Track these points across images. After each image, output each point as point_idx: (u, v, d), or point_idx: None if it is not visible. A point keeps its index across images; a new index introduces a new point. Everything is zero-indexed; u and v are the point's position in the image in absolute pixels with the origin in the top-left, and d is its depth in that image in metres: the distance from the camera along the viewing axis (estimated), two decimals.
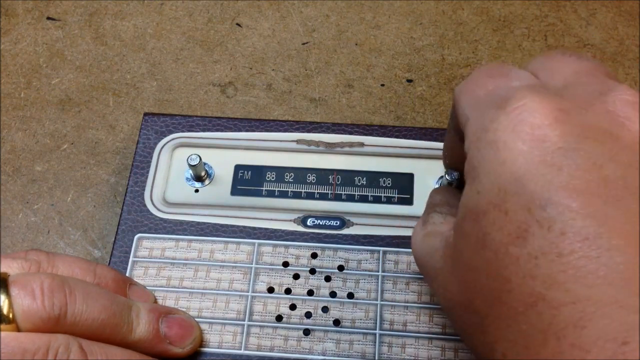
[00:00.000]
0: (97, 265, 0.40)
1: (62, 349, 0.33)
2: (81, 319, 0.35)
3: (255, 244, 0.44)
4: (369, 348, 0.41)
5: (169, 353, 0.39)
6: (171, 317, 0.40)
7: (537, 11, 0.58)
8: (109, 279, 0.40)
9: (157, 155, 0.47)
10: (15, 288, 0.34)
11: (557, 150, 0.26)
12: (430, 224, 0.36)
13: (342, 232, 0.44)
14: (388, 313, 0.41)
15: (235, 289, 0.42)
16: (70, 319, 0.35)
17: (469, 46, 0.57)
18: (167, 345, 0.39)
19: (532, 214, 0.26)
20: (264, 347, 0.41)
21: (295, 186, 0.46)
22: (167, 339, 0.39)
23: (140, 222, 0.44)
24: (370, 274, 0.43)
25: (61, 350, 0.33)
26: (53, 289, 0.34)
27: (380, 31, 0.58)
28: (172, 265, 0.43)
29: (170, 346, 0.39)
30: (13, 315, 0.33)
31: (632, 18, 0.57)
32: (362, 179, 0.46)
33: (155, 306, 0.40)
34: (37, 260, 0.38)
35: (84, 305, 0.35)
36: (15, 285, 0.34)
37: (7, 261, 0.37)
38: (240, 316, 0.42)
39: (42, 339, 0.33)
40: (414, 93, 0.54)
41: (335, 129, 0.47)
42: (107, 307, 0.36)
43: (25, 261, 0.37)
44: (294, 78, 0.56)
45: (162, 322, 0.39)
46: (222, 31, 0.58)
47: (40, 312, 0.34)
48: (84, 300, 0.35)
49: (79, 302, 0.35)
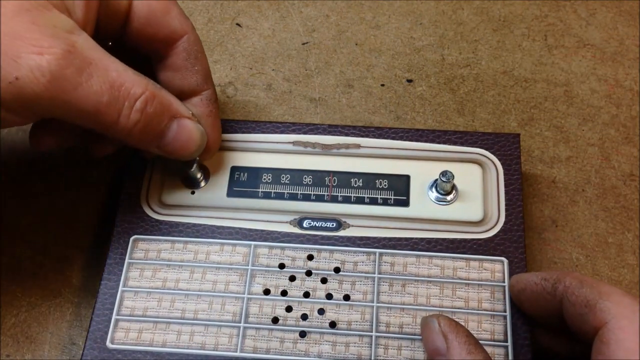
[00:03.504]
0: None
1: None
2: None
3: (251, 245, 0.44)
4: (365, 350, 0.41)
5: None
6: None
7: (537, 11, 0.58)
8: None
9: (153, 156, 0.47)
10: None
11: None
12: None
13: (339, 233, 0.44)
14: (384, 315, 0.41)
15: (231, 290, 0.42)
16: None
17: (469, 46, 0.56)
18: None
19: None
20: (259, 350, 0.41)
21: (292, 188, 0.46)
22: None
23: (136, 223, 0.44)
24: (367, 276, 0.43)
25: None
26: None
27: (380, 31, 0.58)
28: (167, 267, 0.43)
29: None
30: None
31: (632, 18, 0.57)
32: (359, 180, 0.46)
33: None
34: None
35: None
36: None
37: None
38: (236, 318, 0.42)
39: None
40: (414, 93, 0.54)
41: (332, 130, 0.47)
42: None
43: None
44: (294, 78, 0.55)
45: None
46: (222, 31, 0.58)
47: None
48: None
49: None
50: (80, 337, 0.45)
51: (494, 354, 0.40)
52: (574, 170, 0.50)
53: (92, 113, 0.38)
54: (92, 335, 0.41)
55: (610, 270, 0.46)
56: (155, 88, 0.40)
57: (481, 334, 0.40)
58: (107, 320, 0.42)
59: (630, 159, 0.50)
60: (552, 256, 0.47)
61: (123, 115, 0.39)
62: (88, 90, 0.37)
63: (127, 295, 0.42)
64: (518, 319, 0.41)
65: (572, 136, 0.51)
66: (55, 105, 0.37)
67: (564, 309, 0.36)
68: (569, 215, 0.48)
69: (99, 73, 0.37)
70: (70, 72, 0.36)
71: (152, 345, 0.41)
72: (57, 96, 0.36)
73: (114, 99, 0.38)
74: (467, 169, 0.46)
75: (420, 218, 0.44)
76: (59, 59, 0.36)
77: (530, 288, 0.39)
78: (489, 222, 0.44)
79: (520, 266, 0.42)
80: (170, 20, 0.43)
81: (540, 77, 0.54)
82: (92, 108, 0.38)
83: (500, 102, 0.53)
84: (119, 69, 0.38)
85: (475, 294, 0.42)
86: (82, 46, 0.37)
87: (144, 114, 0.39)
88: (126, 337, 0.41)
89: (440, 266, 0.43)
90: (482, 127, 0.52)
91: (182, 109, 0.42)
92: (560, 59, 0.55)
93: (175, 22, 0.43)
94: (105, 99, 0.38)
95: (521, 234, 0.43)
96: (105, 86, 0.38)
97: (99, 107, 0.38)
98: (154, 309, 0.42)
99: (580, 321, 0.34)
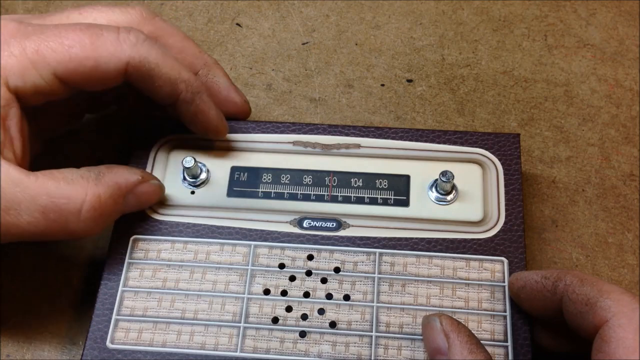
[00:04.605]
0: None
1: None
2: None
3: (251, 245, 0.44)
4: (365, 350, 0.41)
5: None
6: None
7: (537, 11, 0.58)
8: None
9: (153, 157, 0.47)
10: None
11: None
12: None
13: (339, 233, 0.44)
14: (384, 315, 0.41)
15: (231, 290, 0.42)
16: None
17: (469, 46, 0.56)
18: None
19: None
20: (259, 350, 0.41)
21: (292, 188, 0.46)
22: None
23: (136, 223, 0.44)
24: (367, 276, 0.43)
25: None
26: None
27: (380, 31, 0.58)
28: (167, 267, 0.43)
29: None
30: None
31: (632, 18, 0.57)
32: (359, 180, 0.46)
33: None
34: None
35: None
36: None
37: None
38: (236, 318, 0.42)
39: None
40: (414, 93, 0.54)
41: (332, 130, 0.47)
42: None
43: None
44: (294, 78, 0.55)
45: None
46: (222, 31, 0.58)
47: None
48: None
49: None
50: (80, 337, 0.45)
51: (494, 354, 0.40)
52: (574, 170, 0.50)
53: (38, 235, 0.39)
54: (92, 336, 0.41)
55: (610, 270, 0.46)
56: (97, 179, 0.40)
57: (481, 334, 0.40)
58: (107, 320, 0.42)
59: (630, 159, 0.50)
60: (552, 256, 0.47)
61: (72, 227, 0.39)
62: (22, 223, 0.38)
63: (127, 295, 0.42)
64: (518, 319, 0.41)
65: (572, 136, 0.51)
66: (7, 238, 0.39)
67: (564, 307, 0.36)
68: (569, 215, 0.48)
69: (27, 205, 0.38)
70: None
71: (152, 345, 0.41)
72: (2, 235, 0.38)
73: (53, 222, 0.39)
74: (467, 169, 0.46)
75: (420, 218, 0.44)
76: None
77: (530, 286, 0.39)
78: (489, 222, 0.44)
79: (520, 266, 0.42)
80: (100, 68, 0.41)
81: (540, 77, 0.54)
82: (34, 234, 0.39)
83: (500, 102, 0.53)
84: (50, 188, 0.39)
85: (475, 294, 0.42)
86: (2, 183, 0.38)
87: (94, 215, 0.40)
88: (126, 337, 0.41)
89: (440, 266, 0.43)
90: (482, 127, 0.52)
91: (131, 179, 0.42)
92: (560, 59, 0.55)
93: (107, 65, 0.41)
94: (43, 224, 0.38)
95: (521, 234, 0.43)
96: (38, 215, 0.38)
97: (41, 231, 0.39)
98: (154, 309, 0.42)
99: (580, 319, 0.34)
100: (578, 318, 0.35)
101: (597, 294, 0.34)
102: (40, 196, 0.38)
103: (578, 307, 0.35)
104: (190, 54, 0.46)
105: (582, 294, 0.35)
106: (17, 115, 0.40)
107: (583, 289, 0.35)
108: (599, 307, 0.34)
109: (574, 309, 0.35)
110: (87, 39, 0.40)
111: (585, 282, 0.35)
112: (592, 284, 0.35)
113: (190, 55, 0.46)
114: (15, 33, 0.40)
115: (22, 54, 0.39)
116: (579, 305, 0.34)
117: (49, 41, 0.40)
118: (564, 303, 0.36)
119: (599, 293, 0.34)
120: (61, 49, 0.40)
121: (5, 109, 0.39)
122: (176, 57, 0.43)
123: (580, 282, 0.35)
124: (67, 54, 0.40)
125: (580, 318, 0.34)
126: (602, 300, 0.34)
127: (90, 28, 0.41)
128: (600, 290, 0.34)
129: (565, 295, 0.36)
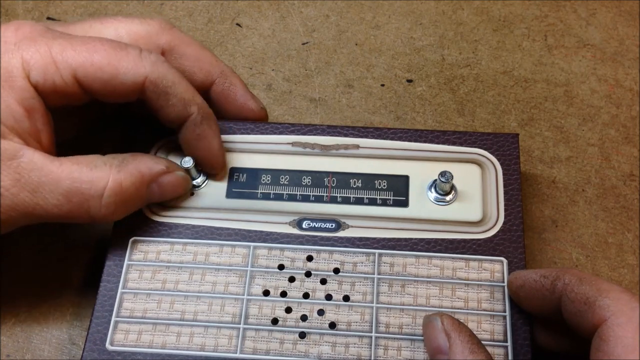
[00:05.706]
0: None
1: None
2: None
3: (250, 246, 0.44)
4: (364, 351, 0.40)
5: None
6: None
7: (537, 11, 0.58)
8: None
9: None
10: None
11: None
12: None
13: (338, 234, 0.44)
14: (384, 316, 0.41)
15: (230, 292, 0.42)
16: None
17: (469, 46, 0.56)
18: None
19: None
20: (259, 351, 0.41)
21: (291, 189, 0.46)
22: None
23: (135, 225, 0.44)
24: (366, 277, 0.43)
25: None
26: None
27: (380, 31, 0.58)
28: (167, 269, 0.43)
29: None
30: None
31: (632, 18, 0.57)
32: (358, 181, 0.46)
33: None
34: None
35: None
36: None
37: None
38: (236, 319, 0.42)
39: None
40: (414, 93, 0.54)
41: (331, 131, 0.47)
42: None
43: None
44: (294, 78, 0.55)
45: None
46: (222, 31, 0.58)
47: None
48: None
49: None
50: (80, 337, 0.45)
51: (494, 354, 0.40)
52: (574, 170, 0.50)
53: (62, 217, 0.41)
54: (91, 337, 0.41)
55: (610, 270, 0.46)
56: (121, 166, 0.42)
57: (481, 334, 0.40)
58: (107, 322, 0.42)
59: (630, 159, 0.50)
60: (552, 256, 0.47)
61: (94, 212, 0.41)
62: (47, 206, 0.40)
63: (126, 297, 0.42)
64: (518, 319, 0.41)
65: (572, 136, 0.51)
66: (27, 221, 0.41)
67: (563, 306, 0.36)
68: (569, 215, 0.48)
69: (51, 188, 0.40)
70: (25, 197, 0.39)
71: (151, 347, 0.41)
72: (22, 217, 0.40)
73: (76, 205, 0.40)
74: (466, 169, 0.46)
75: (420, 218, 0.44)
76: (9, 188, 0.39)
77: (529, 285, 0.39)
78: (488, 222, 0.44)
79: (519, 266, 0.42)
80: (119, 77, 0.42)
81: (540, 77, 0.54)
82: (59, 216, 0.41)
83: (500, 102, 0.53)
84: (73, 173, 0.40)
85: (475, 294, 0.42)
86: (27, 168, 0.39)
87: (116, 200, 0.41)
88: (126, 339, 0.41)
89: (440, 266, 0.43)
90: (482, 127, 0.52)
91: (155, 169, 0.43)
92: (560, 59, 0.55)
93: (126, 76, 0.42)
94: (67, 207, 0.40)
95: (520, 234, 0.43)
96: (62, 198, 0.40)
97: (65, 214, 0.40)
98: (153, 311, 0.42)
99: (579, 318, 0.34)
100: (577, 317, 0.35)
101: (596, 292, 0.34)
102: (64, 180, 0.40)
103: (577, 306, 0.35)
104: (207, 62, 0.47)
105: (581, 292, 0.35)
106: (42, 108, 0.41)
107: (582, 287, 0.35)
108: (598, 306, 0.34)
109: (573, 307, 0.35)
110: (111, 49, 0.42)
111: (584, 281, 0.35)
112: (591, 283, 0.35)
113: (207, 64, 0.47)
114: (44, 33, 0.42)
115: (46, 52, 0.41)
116: (578, 304, 0.34)
117: (74, 45, 0.41)
118: (563, 302, 0.36)
119: (597, 292, 0.34)
120: (85, 53, 0.41)
121: (30, 102, 0.40)
122: (192, 73, 0.47)
123: (579, 281, 0.35)
124: (90, 58, 0.41)
125: (579, 317, 0.34)
126: (601, 299, 0.34)
127: (115, 42, 0.42)
128: (599, 289, 0.34)
129: (564, 294, 0.36)
